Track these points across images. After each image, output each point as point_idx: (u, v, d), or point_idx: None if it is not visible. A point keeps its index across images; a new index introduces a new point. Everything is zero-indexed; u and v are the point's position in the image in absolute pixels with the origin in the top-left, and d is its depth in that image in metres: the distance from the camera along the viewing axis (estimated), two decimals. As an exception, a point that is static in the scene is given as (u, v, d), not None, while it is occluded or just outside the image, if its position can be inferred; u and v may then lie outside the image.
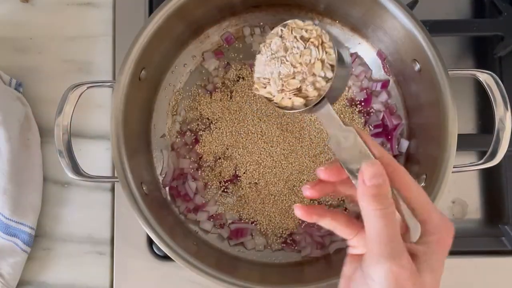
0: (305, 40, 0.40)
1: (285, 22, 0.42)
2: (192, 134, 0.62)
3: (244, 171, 0.61)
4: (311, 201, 0.60)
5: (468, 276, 0.61)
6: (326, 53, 0.39)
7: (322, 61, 0.39)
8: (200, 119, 0.62)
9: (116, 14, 0.66)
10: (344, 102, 0.62)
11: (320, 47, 0.39)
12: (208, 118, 0.62)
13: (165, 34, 0.56)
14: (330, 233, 0.60)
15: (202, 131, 0.62)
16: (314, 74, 0.39)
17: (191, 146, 0.62)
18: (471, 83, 0.65)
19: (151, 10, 0.65)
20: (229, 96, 0.62)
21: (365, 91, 0.62)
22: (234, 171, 0.61)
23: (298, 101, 0.40)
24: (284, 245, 0.60)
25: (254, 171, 0.61)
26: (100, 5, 0.67)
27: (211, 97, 0.62)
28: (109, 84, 0.56)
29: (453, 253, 0.60)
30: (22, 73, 0.65)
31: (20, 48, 0.66)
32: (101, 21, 0.66)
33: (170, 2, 0.53)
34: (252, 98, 0.62)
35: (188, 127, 0.62)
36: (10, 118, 0.59)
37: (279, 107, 0.42)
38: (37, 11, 0.67)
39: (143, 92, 0.58)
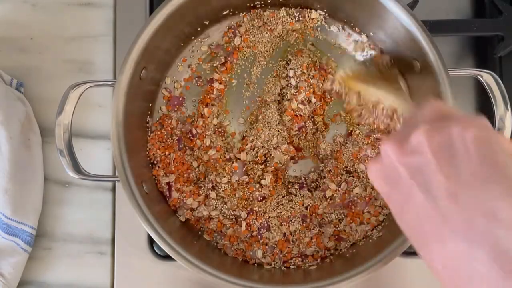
0: None
1: None
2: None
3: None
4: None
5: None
6: None
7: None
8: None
9: (117, 14, 0.66)
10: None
11: None
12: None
13: (166, 33, 0.56)
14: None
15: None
16: None
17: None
18: (472, 83, 0.65)
19: (151, 10, 0.66)
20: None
21: (365, 91, 0.62)
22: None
23: None
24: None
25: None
26: (100, 5, 0.67)
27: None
28: (109, 83, 0.56)
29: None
30: (23, 73, 0.65)
31: (21, 48, 0.66)
32: (102, 21, 0.66)
33: (170, 2, 0.54)
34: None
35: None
36: (11, 118, 0.59)
37: None
38: (37, 11, 0.67)
39: (143, 91, 0.58)
